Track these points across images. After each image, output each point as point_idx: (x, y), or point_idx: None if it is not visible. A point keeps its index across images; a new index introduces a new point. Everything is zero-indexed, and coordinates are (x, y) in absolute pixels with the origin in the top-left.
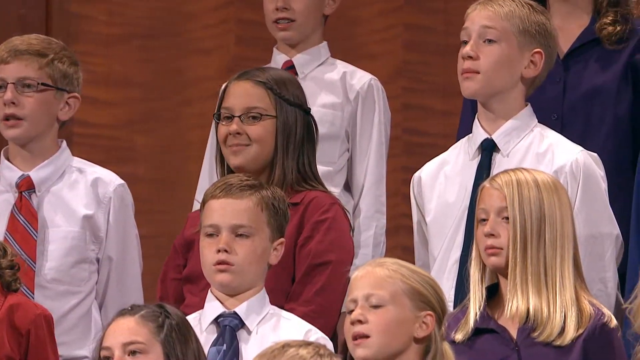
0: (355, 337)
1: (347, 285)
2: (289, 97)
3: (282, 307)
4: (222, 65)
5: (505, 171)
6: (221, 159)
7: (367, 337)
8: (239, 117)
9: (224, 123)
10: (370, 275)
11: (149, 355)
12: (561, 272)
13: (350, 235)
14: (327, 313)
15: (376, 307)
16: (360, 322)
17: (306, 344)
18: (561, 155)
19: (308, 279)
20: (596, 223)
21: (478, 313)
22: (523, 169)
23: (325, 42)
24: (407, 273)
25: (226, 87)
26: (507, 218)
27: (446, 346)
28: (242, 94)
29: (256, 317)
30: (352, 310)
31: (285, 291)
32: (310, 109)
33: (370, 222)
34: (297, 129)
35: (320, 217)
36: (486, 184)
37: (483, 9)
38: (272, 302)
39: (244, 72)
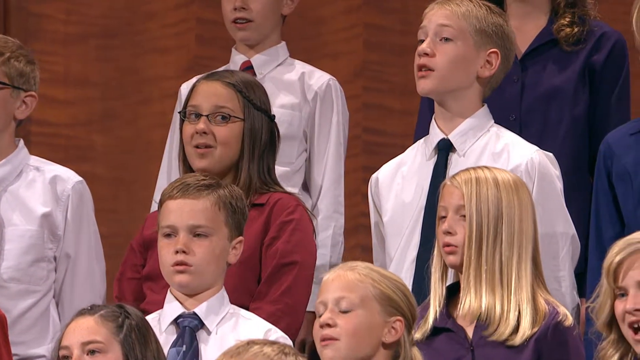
0: (324, 340)
1: (311, 286)
2: (256, 101)
3: (247, 307)
4: (182, 65)
5: (467, 169)
6: (184, 158)
7: (335, 340)
8: (207, 116)
9: (190, 121)
10: (341, 278)
11: (108, 355)
12: (517, 271)
13: (314, 237)
14: (293, 312)
15: (346, 311)
16: (329, 325)
17: (271, 342)
18: (517, 154)
19: (275, 278)
20: (551, 222)
21: (437, 312)
22: (485, 167)
23: (283, 43)
24: (377, 278)
25: (193, 86)
26: (465, 216)
27: (415, 351)
28: (211, 94)
29: (216, 318)
30: (322, 313)
31: (250, 291)
32: (274, 115)
33: (328, 222)
34: (262, 134)
35: (286, 218)
36: (447, 181)
37: (440, 8)
38: (237, 302)
39: (212, 72)
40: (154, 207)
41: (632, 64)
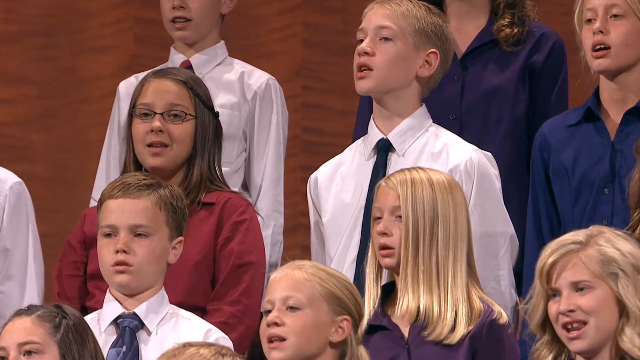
0: (271, 339)
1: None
2: (205, 98)
3: (202, 307)
4: (120, 64)
5: (401, 170)
6: (134, 158)
7: (283, 339)
8: (161, 114)
9: (142, 120)
10: (288, 277)
11: (45, 356)
12: (453, 271)
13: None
14: (252, 313)
15: (293, 309)
16: (276, 324)
17: (208, 344)
18: (456, 154)
19: (232, 279)
20: (490, 221)
21: (372, 311)
22: (419, 168)
23: (222, 42)
24: (325, 277)
25: (142, 83)
26: (401, 217)
27: (362, 350)
28: (163, 91)
29: (156, 318)
30: (269, 311)
31: (205, 291)
32: (219, 113)
33: (268, 221)
34: (210, 131)
35: (239, 218)
36: (382, 182)
37: (380, 8)
38: (192, 303)
39: (160, 70)
40: (93, 204)
41: (571, 64)
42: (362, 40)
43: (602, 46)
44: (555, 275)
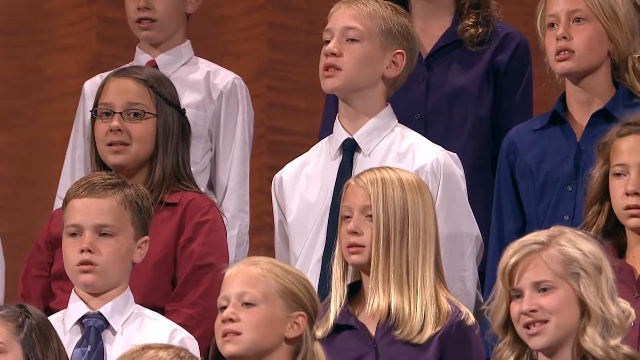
0: (226, 335)
1: None
2: (167, 96)
3: (161, 307)
4: (84, 63)
5: (371, 169)
6: (97, 157)
7: (238, 334)
8: (120, 113)
9: (102, 120)
10: (244, 273)
11: (8, 355)
12: (422, 272)
13: (226, 237)
14: (211, 316)
15: (248, 305)
16: (231, 320)
17: (167, 346)
18: (422, 155)
19: (192, 281)
20: (456, 222)
21: (339, 310)
22: (388, 167)
23: (188, 42)
24: (280, 273)
25: (103, 83)
26: (371, 216)
27: (317, 346)
28: (123, 90)
29: (121, 317)
30: (224, 307)
31: (164, 291)
32: (185, 109)
33: (234, 221)
34: (174, 129)
35: (201, 219)
36: (351, 181)
37: (347, 8)
38: (152, 302)
39: (121, 69)
40: (58, 202)
41: (535, 65)
42: (328, 41)
43: (565, 51)
44: (517, 276)
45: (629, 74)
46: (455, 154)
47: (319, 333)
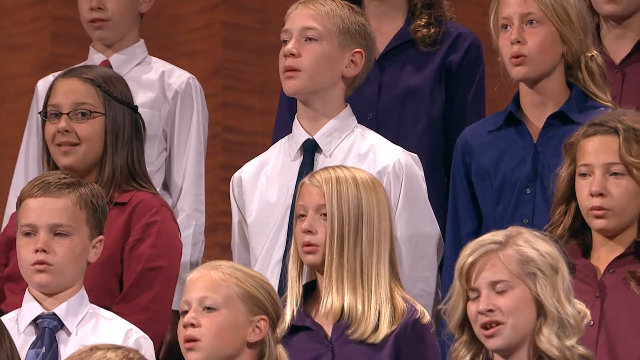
0: (188, 340)
1: (175, 288)
2: (116, 94)
3: (108, 307)
4: (37, 63)
5: (325, 168)
6: (48, 158)
7: (198, 340)
8: (67, 114)
9: (51, 121)
10: (205, 278)
11: None
12: (377, 271)
13: (179, 237)
14: (160, 320)
15: (209, 310)
16: (192, 325)
17: (116, 347)
18: (383, 156)
19: (142, 283)
20: (418, 223)
21: (295, 310)
22: (343, 166)
23: (142, 41)
24: (242, 277)
25: (51, 85)
26: (326, 215)
27: (280, 350)
28: (69, 91)
29: (75, 318)
30: (185, 312)
31: (110, 291)
32: (137, 106)
33: (189, 221)
34: (125, 127)
35: (150, 220)
36: (306, 180)
37: (304, 8)
38: (98, 302)
39: (70, 69)
40: (12, 201)
41: (488, 65)
42: (286, 41)
43: (519, 56)
44: (474, 275)
45: (582, 73)
46: (415, 155)
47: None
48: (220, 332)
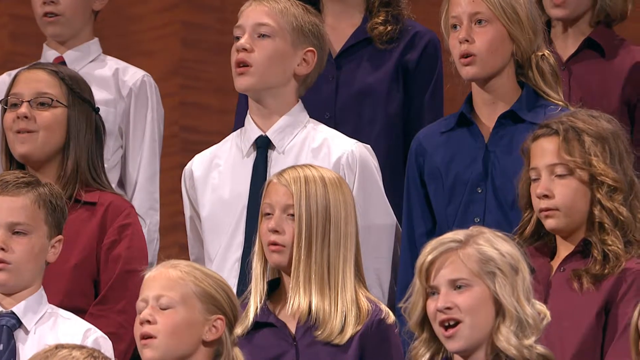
0: (144, 337)
1: None
2: (81, 92)
3: (82, 309)
4: None
5: (293, 167)
6: (6, 148)
7: (155, 337)
8: (29, 102)
9: (11, 110)
10: (162, 276)
11: None
12: (343, 272)
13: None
14: None
15: (165, 308)
16: (149, 322)
17: (80, 346)
18: (336, 148)
19: (120, 286)
20: (372, 214)
21: (259, 307)
22: (311, 165)
23: (96, 39)
24: (200, 276)
25: (15, 76)
26: (293, 215)
27: (237, 351)
28: (33, 80)
29: (34, 317)
30: (143, 309)
31: (84, 292)
32: (99, 108)
33: (143, 218)
34: (87, 125)
35: (124, 222)
36: (273, 179)
37: (258, 5)
38: (72, 304)
39: (36, 62)
40: None
41: (445, 64)
42: (239, 37)
43: (468, 55)
44: (434, 273)
45: (533, 72)
46: (369, 146)
47: (238, 330)
48: (176, 330)
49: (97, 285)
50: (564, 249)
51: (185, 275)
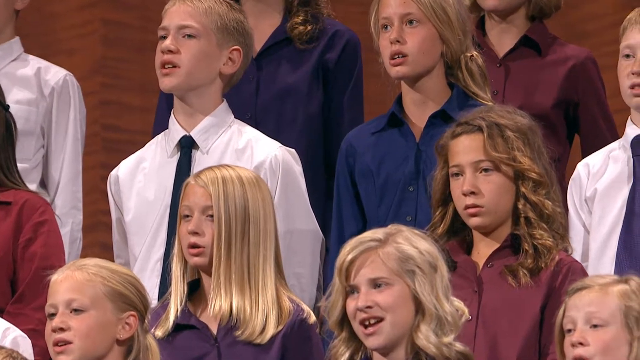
0: (58, 343)
1: None
2: None
3: (0, 308)
4: None
5: (210, 168)
6: None
7: (69, 343)
8: None
9: None
10: (70, 279)
11: None
12: (263, 272)
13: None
14: None
15: (77, 312)
16: (62, 329)
17: None
18: (260, 151)
19: (37, 283)
20: (294, 219)
21: (179, 309)
22: (227, 165)
23: (17, 38)
24: (107, 275)
25: None
26: (212, 216)
27: (150, 339)
28: None
29: None
30: (52, 314)
31: (1, 291)
32: (9, 106)
33: (66, 218)
34: None
35: (39, 219)
36: (191, 180)
37: (182, 5)
38: None
39: None
40: None
41: (369, 63)
42: (164, 37)
43: (399, 55)
44: (354, 272)
45: (463, 73)
46: (293, 150)
47: (159, 332)
48: (90, 333)
49: (14, 284)
50: (485, 245)
51: (93, 277)
